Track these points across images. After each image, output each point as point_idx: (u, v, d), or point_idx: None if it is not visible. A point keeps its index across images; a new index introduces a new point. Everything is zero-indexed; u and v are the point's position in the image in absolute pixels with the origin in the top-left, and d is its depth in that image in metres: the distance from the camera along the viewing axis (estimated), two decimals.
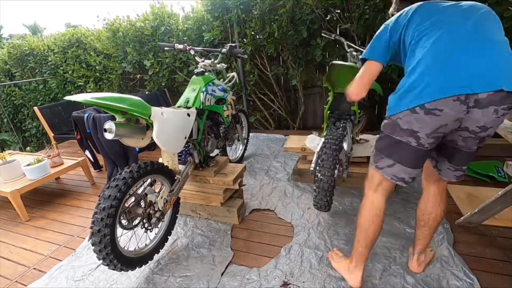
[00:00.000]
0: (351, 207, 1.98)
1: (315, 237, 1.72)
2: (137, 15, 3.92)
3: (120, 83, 4.44)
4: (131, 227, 1.42)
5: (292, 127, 4.03)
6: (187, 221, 1.99)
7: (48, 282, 1.59)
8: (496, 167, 2.18)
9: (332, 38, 2.27)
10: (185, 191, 1.93)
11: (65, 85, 4.91)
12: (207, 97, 1.89)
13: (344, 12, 3.02)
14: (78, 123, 2.65)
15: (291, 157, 2.89)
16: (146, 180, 1.49)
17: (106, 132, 1.29)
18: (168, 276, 1.53)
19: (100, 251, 1.25)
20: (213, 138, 2.07)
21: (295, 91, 3.81)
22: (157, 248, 1.61)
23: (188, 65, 3.79)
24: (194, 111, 1.75)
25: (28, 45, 4.95)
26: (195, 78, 1.93)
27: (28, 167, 2.31)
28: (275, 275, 1.47)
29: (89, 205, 2.42)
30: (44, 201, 2.55)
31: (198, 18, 3.59)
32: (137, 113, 1.34)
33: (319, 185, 1.65)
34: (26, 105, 5.39)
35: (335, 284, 1.39)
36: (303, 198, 2.15)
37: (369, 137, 2.37)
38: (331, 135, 1.72)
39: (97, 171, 3.10)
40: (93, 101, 1.19)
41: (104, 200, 1.25)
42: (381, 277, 1.40)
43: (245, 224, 1.92)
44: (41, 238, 2.02)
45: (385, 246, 1.59)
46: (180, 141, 1.60)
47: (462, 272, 1.36)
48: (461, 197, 1.96)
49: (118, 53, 4.09)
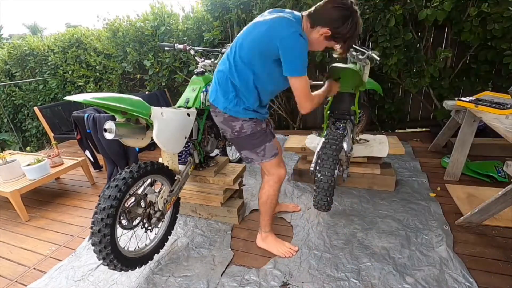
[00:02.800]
0: (351, 207, 1.98)
1: (314, 237, 1.72)
2: (137, 15, 3.92)
3: (120, 83, 4.44)
4: (131, 227, 1.42)
5: (292, 127, 4.03)
6: (187, 221, 1.99)
7: (48, 282, 1.59)
8: (496, 167, 2.18)
9: None
10: (185, 191, 1.93)
11: (65, 85, 4.91)
12: (207, 97, 1.89)
13: None
14: (78, 123, 2.65)
15: (291, 157, 2.89)
16: (146, 180, 1.49)
17: (106, 132, 1.29)
18: (168, 276, 1.53)
19: (100, 251, 1.25)
20: (213, 138, 2.07)
21: None
22: (157, 248, 1.61)
23: (188, 65, 3.79)
24: (194, 111, 1.75)
25: (28, 45, 4.95)
26: (195, 78, 1.93)
27: (28, 167, 2.31)
28: (274, 275, 1.47)
29: (89, 205, 2.42)
30: (44, 201, 2.55)
31: (198, 18, 3.60)
32: (137, 113, 1.34)
33: (319, 185, 1.65)
34: (26, 105, 5.39)
35: (334, 284, 1.39)
36: (303, 198, 2.15)
37: (369, 137, 2.37)
38: (331, 135, 1.72)
39: (97, 171, 3.10)
40: (93, 101, 1.19)
41: (104, 200, 1.25)
42: (380, 277, 1.40)
43: (245, 224, 1.92)
44: (41, 238, 2.02)
45: (384, 246, 1.59)
46: (180, 141, 1.60)
47: (461, 276, 1.36)
48: (461, 197, 1.96)
49: (118, 53, 4.09)
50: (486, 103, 1.88)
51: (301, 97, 1.32)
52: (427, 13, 2.55)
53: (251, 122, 1.40)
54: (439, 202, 1.93)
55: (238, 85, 1.34)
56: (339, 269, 1.47)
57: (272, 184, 1.54)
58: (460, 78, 3.03)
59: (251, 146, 1.45)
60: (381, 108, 3.52)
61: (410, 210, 1.88)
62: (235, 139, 1.46)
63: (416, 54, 2.92)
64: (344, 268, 1.47)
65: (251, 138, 1.42)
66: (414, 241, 1.60)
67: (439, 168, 2.43)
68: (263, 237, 1.67)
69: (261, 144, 1.44)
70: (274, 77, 1.33)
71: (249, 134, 1.41)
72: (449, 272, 1.38)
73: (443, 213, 1.82)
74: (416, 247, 1.56)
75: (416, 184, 2.20)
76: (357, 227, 1.76)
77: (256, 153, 1.46)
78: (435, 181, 2.22)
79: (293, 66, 1.23)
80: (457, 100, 2.08)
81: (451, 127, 2.51)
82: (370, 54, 1.76)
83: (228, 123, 1.41)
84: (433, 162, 2.55)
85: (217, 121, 1.47)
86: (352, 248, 1.59)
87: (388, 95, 3.40)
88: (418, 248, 1.55)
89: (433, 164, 2.52)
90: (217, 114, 1.44)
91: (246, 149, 1.47)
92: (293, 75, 1.25)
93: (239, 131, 1.41)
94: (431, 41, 3.08)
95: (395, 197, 2.04)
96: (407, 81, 3.06)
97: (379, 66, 3.05)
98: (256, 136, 1.43)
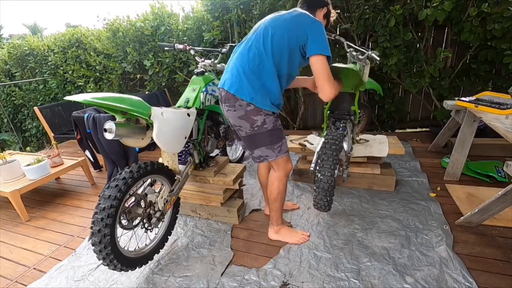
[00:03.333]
0: (351, 207, 1.98)
1: (314, 237, 1.72)
2: (137, 15, 3.92)
3: (120, 83, 4.44)
4: (131, 227, 1.42)
5: (292, 127, 4.03)
6: (187, 221, 1.99)
7: (48, 282, 1.59)
8: (496, 167, 2.18)
9: (332, 38, 2.25)
10: (185, 191, 1.93)
11: (65, 85, 4.91)
12: (207, 97, 1.89)
13: (344, 12, 3.02)
14: (78, 123, 2.65)
15: (291, 157, 2.88)
16: (146, 180, 1.48)
17: (106, 132, 1.29)
18: (168, 276, 1.53)
19: (100, 251, 1.25)
20: (213, 138, 2.07)
21: (295, 91, 3.82)
22: (157, 248, 1.61)
23: (188, 65, 3.80)
24: (194, 111, 1.75)
25: (28, 45, 4.95)
26: (195, 78, 1.93)
27: (28, 167, 2.31)
28: (274, 275, 1.47)
29: (89, 205, 2.42)
30: (44, 201, 2.55)
31: (198, 18, 3.60)
32: (137, 113, 1.34)
33: (319, 185, 1.65)
34: (26, 105, 5.39)
35: (334, 284, 1.39)
36: (303, 198, 2.15)
37: (369, 137, 2.37)
38: (331, 135, 1.72)
39: (97, 171, 3.10)
40: (93, 101, 1.19)
41: (104, 200, 1.25)
42: (380, 277, 1.40)
43: (245, 224, 1.92)
44: (41, 238, 2.02)
45: (384, 246, 1.59)
46: (180, 141, 1.60)
47: (461, 276, 1.36)
48: (461, 197, 1.96)
49: (118, 53, 4.10)
50: (486, 103, 1.88)
51: (323, 79, 1.34)
52: (427, 13, 2.55)
53: (272, 117, 1.40)
54: (439, 202, 1.93)
55: (266, 74, 1.34)
56: (339, 269, 1.47)
57: (282, 178, 1.56)
58: (460, 78, 3.03)
59: (269, 142, 1.43)
60: (381, 108, 3.52)
61: (410, 210, 1.88)
62: (252, 135, 1.43)
63: (416, 54, 2.92)
64: (344, 268, 1.47)
65: (271, 133, 1.41)
66: (414, 241, 1.60)
67: (439, 168, 2.43)
68: (276, 230, 1.70)
69: (279, 140, 1.45)
70: (294, 65, 1.40)
71: (270, 129, 1.40)
72: (449, 272, 1.38)
73: (443, 213, 1.82)
74: (416, 247, 1.56)
75: (416, 184, 2.20)
76: (357, 227, 1.76)
77: (272, 150, 1.45)
78: (435, 181, 2.23)
79: (322, 44, 1.32)
80: (457, 100, 2.08)
81: (451, 127, 2.51)
82: (370, 54, 1.76)
83: (250, 117, 1.37)
84: (433, 162, 2.55)
85: (234, 116, 1.40)
86: (352, 248, 1.60)
87: (388, 95, 3.40)
88: (418, 248, 1.55)
89: (433, 164, 2.52)
90: (236, 108, 1.37)
91: (263, 145, 1.44)
92: (321, 53, 1.31)
93: (260, 125, 1.38)
94: (431, 41, 3.08)
95: (395, 197, 2.04)
96: (407, 81, 3.06)
97: (379, 66, 3.05)
98: (276, 132, 1.43)
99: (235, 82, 1.36)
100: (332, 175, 1.63)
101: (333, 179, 1.64)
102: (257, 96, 1.34)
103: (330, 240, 1.68)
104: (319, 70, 1.33)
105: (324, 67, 1.33)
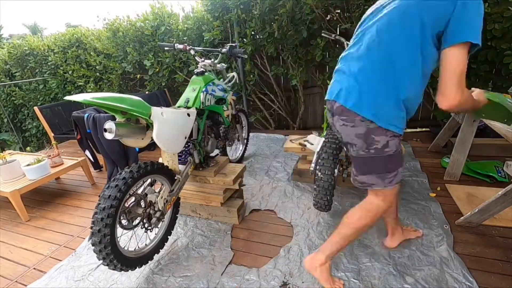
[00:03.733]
0: (351, 207, 1.97)
1: (314, 237, 1.72)
2: (137, 15, 3.92)
3: (120, 83, 4.44)
4: (131, 227, 1.42)
5: (292, 127, 4.03)
6: (187, 221, 1.99)
7: (48, 282, 1.59)
8: (496, 167, 2.18)
9: (332, 38, 2.27)
10: (185, 191, 1.93)
11: (65, 85, 4.91)
12: (207, 97, 1.89)
13: (344, 12, 3.02)
14: (78, 123, 2.65)
15: (291, 157, 2.89)
16: (146, 180, 1.49)
17: (106, 132, 1.29)
18: (168, 276, 1.53)
19: (100, 251, 1.25)
20: (213, 138, 2.07)
21: (295, 91, 3.81)
22: (157, 248, 1.61)
23: (188, 65, 3.80)
24: (194, 111, 1.75)
25: (28, 45, 4.95)
26: (195, 78, 1.93)
27: (28, 167, 2.31)
28: (275, 275, 1.47)
29: (89, 205, 2.42)
30: (44, 201, 2.55)
31: (198, 18, 3.60)
32: (137, 113, 1.34)
33: (319, 184, 1.66)
34: (26, 105, 5.39)
35: None
36: (303, 198, 2.15)
37: None
38: (331, 135, 1.72)
39: (97, 171, 3.10)
40: (93, 101, 1.19)
41: (104, 200, 1.25)
42: (380, 277, 1.40)
43: (245, 224, 1.92)
44: (41, 238, 2.02)
45: (384, 246, 1.59)
46: (180, 141, 1.60)
47: (462, 275, 1.36)
48: (461, 197, 1.96)
49: (118, 53, 4.09)
50: None
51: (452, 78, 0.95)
52: None
53: (397, 139, 1.09)
54: (439, 202, 1.93)
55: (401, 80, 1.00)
56: (339, 269, 1.47)
57: (381, 211, 1.22)
58: None
59: (384, 169, 1.12)
60: None
61: (410, 210, 1.88)
62: (365, 158, 1.13)
63: None
64: (344, 268, 1.47)
65: (389, 160, 1.11)
66: (414, 241, 1.60)
67: (439, 168, 2.43)
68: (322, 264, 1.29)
69: (396, 168, 1.13)
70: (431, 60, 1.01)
71: (391, 154, 1.09)
72: (449, 272, 1.38)
73: (443, 213, 1.82)
74: (416, 247, 1.56)
75: (416, 184, 2.20)
76: None
77: (383, 179, 1.14)
78: (435, 181, 2.22)
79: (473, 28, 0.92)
80: None
81: (451, 127, 2.51)
82: None
83: (370, 136, 1.06)
84: (433, 162, 2.55)
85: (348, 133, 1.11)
86: (352, 248, 1.59)
87: None
88: (418, 248, 1.55)
89: (433, 164, 2.52)
90: (356, 124, 1.07)
91: (375, 172, 1.14)
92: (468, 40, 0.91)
93: (380, 149, 1.08)
94: None
95: None
96: None
97: None
98: (395, 158, 1.12)
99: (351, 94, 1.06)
100: (332, 175, 1.63)
101: (333, 179, 1.64)
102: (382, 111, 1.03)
103: None
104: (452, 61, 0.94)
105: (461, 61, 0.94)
